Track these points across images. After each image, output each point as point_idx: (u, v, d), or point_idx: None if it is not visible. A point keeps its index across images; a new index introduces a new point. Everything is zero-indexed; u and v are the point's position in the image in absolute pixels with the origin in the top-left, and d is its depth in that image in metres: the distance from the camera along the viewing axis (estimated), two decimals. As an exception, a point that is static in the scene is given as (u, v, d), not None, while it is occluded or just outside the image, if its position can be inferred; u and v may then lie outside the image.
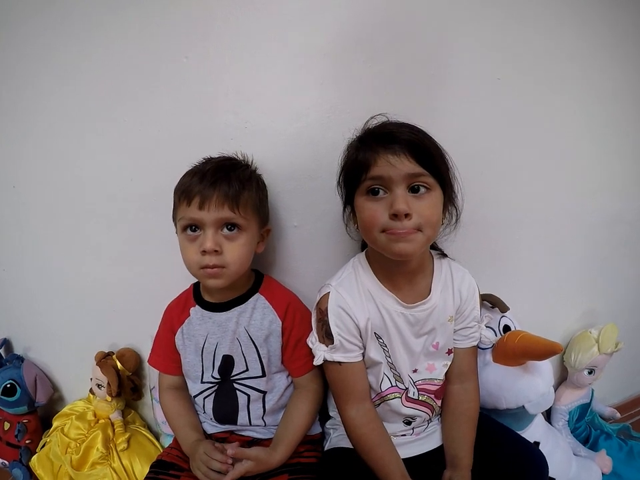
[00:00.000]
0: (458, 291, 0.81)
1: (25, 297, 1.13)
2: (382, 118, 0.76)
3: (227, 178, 0.76)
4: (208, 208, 0.73)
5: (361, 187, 0.71)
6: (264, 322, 0.83)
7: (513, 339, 0.92)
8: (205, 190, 0.74)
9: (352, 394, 0.77)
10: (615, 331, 1.12)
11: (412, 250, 0.68)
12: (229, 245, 0.76)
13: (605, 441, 1.17)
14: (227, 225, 0.76)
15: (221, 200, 0.74)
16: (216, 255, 0.75)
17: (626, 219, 1.17)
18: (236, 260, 0.77)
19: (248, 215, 0.77)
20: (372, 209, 0.70)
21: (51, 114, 0.95)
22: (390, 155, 0.67)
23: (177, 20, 0.86)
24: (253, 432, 0.87)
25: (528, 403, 0.91)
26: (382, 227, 0.68)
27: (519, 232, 1.06)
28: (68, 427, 1.06)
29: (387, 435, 0.79)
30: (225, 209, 0.74)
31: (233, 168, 0.79)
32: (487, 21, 0.91)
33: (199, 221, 0.75)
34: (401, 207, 0.66)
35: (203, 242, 0.74)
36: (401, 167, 0.67)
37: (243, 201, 0.76)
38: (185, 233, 0.77)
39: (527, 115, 0.98)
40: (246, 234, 0.78)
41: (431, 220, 0.69)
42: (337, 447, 0.84)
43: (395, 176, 0.67)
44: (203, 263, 0.75)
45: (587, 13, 0.99)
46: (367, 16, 0.85)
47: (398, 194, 0.67)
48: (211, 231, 0.75)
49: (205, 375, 0.86)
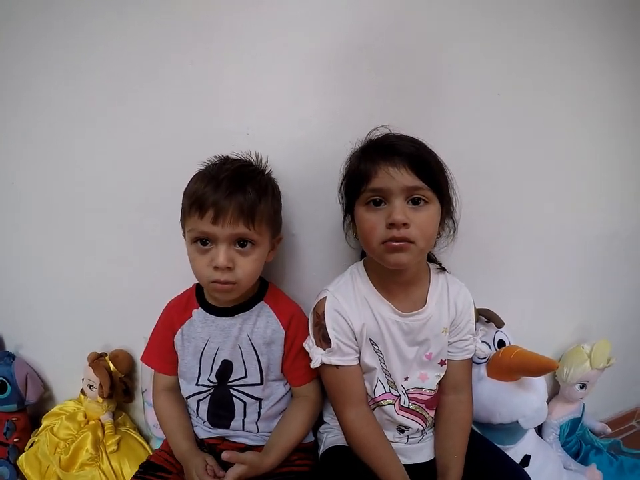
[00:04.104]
0: (454, 304, 0.82)
1: (18, 294, 1.12)
2: (384, 130, 0.77)
3: (243, 189, 0.72)
4: (222, 224, 0.70)
5: (361, 198, 0.73)
6: (267, 330, 0.83)
7: (508, 355, 0.92)
8: (220, 202, 0.70)
9: (350, 397, 0.78)
10: (607, 346, 1.13)
11: (406, 260, 0.71)
12: (242, 260, 0.74)
13: (595, 455, 1.17)
14: (239, 241, 0.74)
15: (236, 215, 0.70)
16: (228, 270, 0.73)
17: (621, 236, 1.19)
18: (247, 275, 0.75)
19: (262, 229, 0.75)
20: (371, 220, 0.71)
21: (51, 114, 0.95)
22: (390, 167, 0.69)
23: (181, 24, 0.86)
24: (245, 438, 0.86)
25: (522, 418, 0.92)
26: (381, 239, 0.70)
27: (515, 246, 1.07)
28: (57, 427, 1.05)
29: (385, 436, 0.80)
30: (239, 225, 0.71)
31: (249, 177, 0.75)
32: (488, 33, 0.92)
33: (211, 236, 0.72)
34: (398, 218, 0.67)
35: (215, 257, 0.72)
36: (400, 179, 0.68)
37: (258, 216, 0.73)
38: (195, 244, 0.75)
39: (526, 129, 0.99)
40: (259, 249, 0.76)
41: (425, 233, 0.71)
42: (333, 445, 0.84)
43: (394, 188, 0.68)
44: (214, 277, 0.73)
45: (586, 23, 1.01)
46: (370, 26, 0.86)
47: (396, 205, 0.68)
48: (224, 247, 0.72)
49: (201, 377, 0.85)
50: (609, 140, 1.10)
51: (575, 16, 0.99)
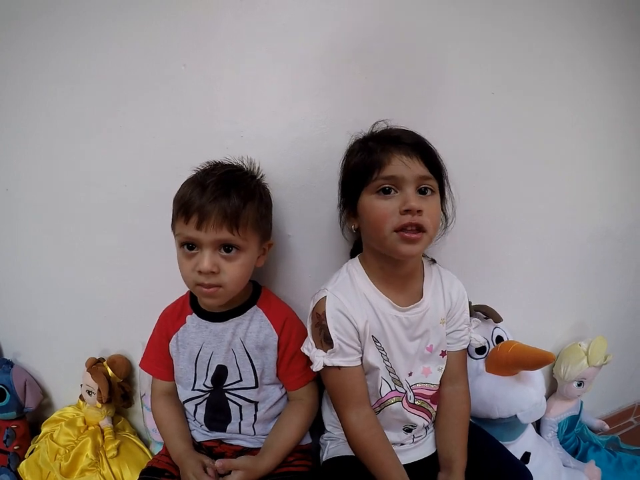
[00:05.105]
0: (448, 294, 0.83)
1: (15, 301, 1.12)
2: (383, 125, 0.79)
3: (228, 195, 0.72)
4: (205, 228, 0.71)
5: (370, 186, 0.73)
6: (260, 335, 0.83)
7: (505, 349, 0.93)
8: (204, 207, 0.71)
9: (352, 398, 0.77)
10: (604, 343, 1.13)
11: (417, 251, 0.72)
12: (227, 265, 0.74)
13: (593, 452, 1.18)
14: (224, 246, 0.74)
15: (220, 220, 0.71)
16: (213, 275, 0.73)
17: (616, 234, 1.19)
18: (233, 280, 0.75)
19: (247, 235, 0.74)
20: (383, 207, 0.71)
21: (46, 118, 0.95)
22: (404, 155, 0.71)
23: (176, 27, 0.86)
24: (242, 441, 0.87)
25: (520, 412, 0.92)
26: (394, 226, 0.70)
27: (511, 245, 1.07)
28: (57, 433, 1.05)
29: (388, 440, 0.79)
30: (223, 230, 0.72)
31: (235, 182, 0.75)
32: (482, 34, 0.93)
33: (196, 240, 0.73)
34: (414, 204, 0.69)
35: (199, 261, 0.73)
36: (414, 168, 0.71)
37: (242, 221, 0.73)
38: (182, 249, 0.76)
39: (520, 130, 1.00)
40: (245, 254, 0.76)
41: (434, 221, 0.73)
42: (337, 455, 0.84)
43: (408, 176, 0.70)
44: (199, 281, 0.74)
45: (582, 26, 1.02)
46: (363, 28, 0.87)
47: (409, 193, 0.70)
48: (208, 252, 0.73)
49: (196, 382, 0.86)
50: (602, 140, 1.10)
51: (569, 16, 1.00)
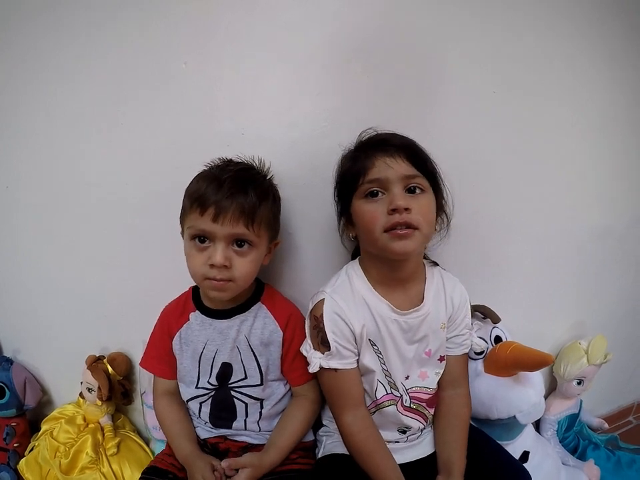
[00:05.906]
0: (450, 299, 0.82)
1: (15, 298, 1.12)
2: (371, 132, 0.79)
3: (245, 191, 0.73)
4: (222, 222, 0.71)
5: (359, 192, 0.74)
6: (265, 331, 0.83)
7: (504, 350, 0.92)
8: (221, 201, 0.71)
9: (348, 400, 0.77)
10: (604, 342, 1.14)
11: (412, 248, 0.71)
12: (238, 260, 0.75)
13: (593, 451, 1.18)
14: (237, 241, 0.74)
15: (237, 215, 0.72)
16: (225, 269, 0.73)
17: (615, 233, 1.19)
18: (244, 275, 0.76)
19: (261, 232, 0.76)
20: (371, 210, 0.72)
21: (47, 116, 0.95)
22: (387, 157, 0.71)
23: (177, 26, 0.86)
24: (247, 437, 0.86)
25: (519, 413, 0.92)
26: (383, 226, 0.70)
27: (511, 244, 1.07)
28: (57, 431, 1.05)
29: (383, 441, 0.79)
30: (239, 225, 0.72)
31: (251, 180, 0.76)
32: (482, 34, 0.93)
33: (210, 233, 0.73)
34: (400, 203, 0.68)
35: (212, 255, 0.73)
36: (397, 167, 0.70)
37: (258, 218, 0.74)
38: (193, 242, 0.75)
39: (520, 130, 1.00)
40: (256, 250, 0.77)
41: (427, 218, 0.72)
42: (332, 453, 0.83)
43: (392, 176, 0.70)
44: (210, 275, 0.74)
45: (582, 26, 1.01)
46: (363, 28, 0.87)
47: (396, 192, 0.70)
48: (222, 245, 0.73)
49: (200, 380, 0.85)
50: (602, 140, 1.10)
51: (569, 16, 0.99)
